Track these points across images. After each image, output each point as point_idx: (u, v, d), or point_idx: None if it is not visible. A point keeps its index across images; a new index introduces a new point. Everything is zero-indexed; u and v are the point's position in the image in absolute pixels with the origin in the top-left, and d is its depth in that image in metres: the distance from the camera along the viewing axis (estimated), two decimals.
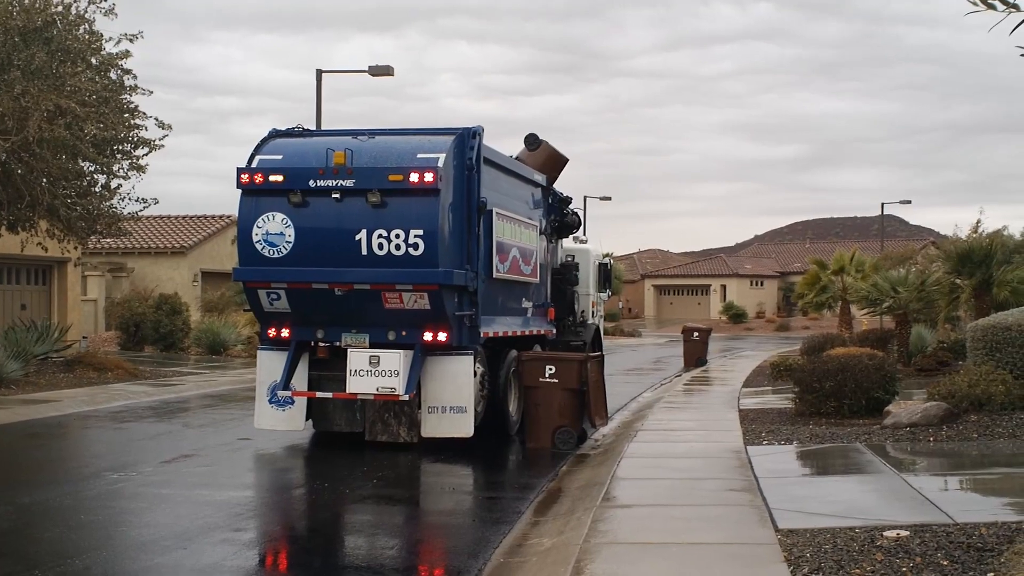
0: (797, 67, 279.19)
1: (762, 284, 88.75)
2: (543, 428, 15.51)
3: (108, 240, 32.75)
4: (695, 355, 34.65)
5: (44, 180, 22.49)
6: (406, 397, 14.58)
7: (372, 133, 15.43)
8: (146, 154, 24.10)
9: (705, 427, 16.58)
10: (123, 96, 23.59)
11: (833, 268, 38.41)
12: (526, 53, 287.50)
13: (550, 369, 15.56)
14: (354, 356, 14.65)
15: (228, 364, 31.97)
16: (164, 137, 24.21)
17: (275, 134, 15.83)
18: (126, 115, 23.49)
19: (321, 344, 15.31)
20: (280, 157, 15.16)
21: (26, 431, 17.40)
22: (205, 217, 47.99)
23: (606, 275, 24.03)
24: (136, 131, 23.77)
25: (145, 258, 44.28)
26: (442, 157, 14.52)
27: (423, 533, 10.67)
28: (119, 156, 23.89)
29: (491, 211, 15.53)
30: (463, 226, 14.89)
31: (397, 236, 14.37)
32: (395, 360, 14.47)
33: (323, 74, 32.08)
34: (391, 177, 14.34)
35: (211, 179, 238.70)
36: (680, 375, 30.17)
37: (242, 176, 14.97)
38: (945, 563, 7.42)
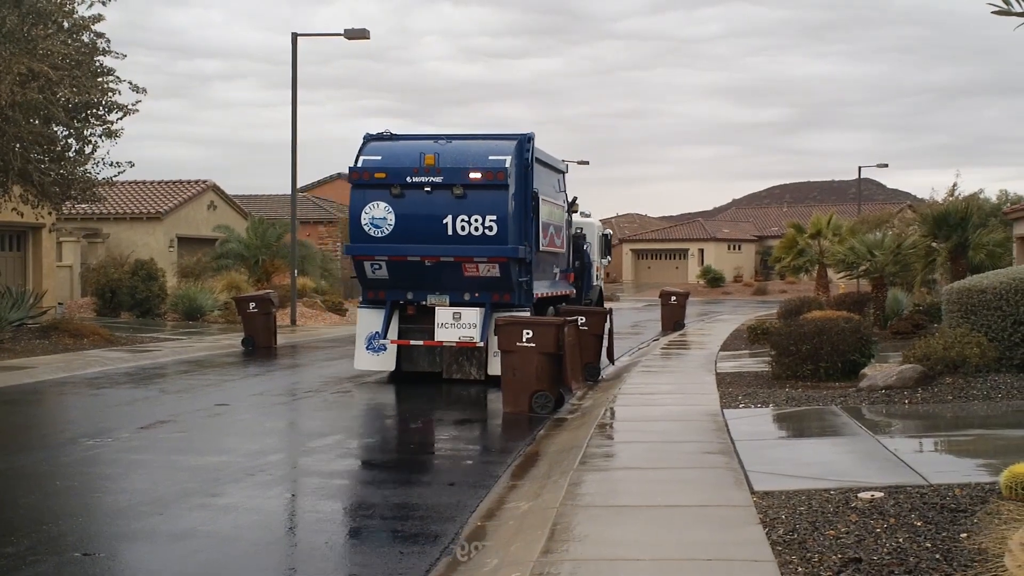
0: (784, 29, 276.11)
1: (740, 248, 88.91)
2: (520, 392, 15.52)
3: (83, 206, 32.49)
4: (673, 319, 34.75)
5: (17, 145, 22.26)
6: (481, 344, 18.59)
7: (449, 138, 19.56)
8: (120, 119, 23.88)
9: (682, 390, 16.63)
10: (96, 59, 23.31)
11: (810, 232, 38.46)
12: (511, 15, 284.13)
13: (527, 333, 15.56)
14: (441, 312, 18.78)
15: (205, 330, 31.87)
16: (138, 102, 24.02)
17: (369, 138, 19.66)
18: (99, 79, 23.22)
19: (410, 303, 19.16)
20: (380, 158, 19.12)
21: (1, 398, 17.31)
22: (181, 182, 47.51)
23: (606, 244, 30.71)
24: (109, 95, 23.52)
25: (120, 224, 43.89)
26: (508, 159, 18.74)
27: (400, 497, 10.65)
28: (93, 121, 23.63)
29: (539, 198, 19.59)
30: (522, 211, 19.01)
31: (475, 220, 18.51)
32: (474, 315, 18.66)
33: (299, 37, 31.89)
34: (471, 175, 18.46)
35: (194, 144, 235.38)
36: (658, 339, 30.22)
37: (353, 174, 19.17)
38: (919, 524, 7.47)
